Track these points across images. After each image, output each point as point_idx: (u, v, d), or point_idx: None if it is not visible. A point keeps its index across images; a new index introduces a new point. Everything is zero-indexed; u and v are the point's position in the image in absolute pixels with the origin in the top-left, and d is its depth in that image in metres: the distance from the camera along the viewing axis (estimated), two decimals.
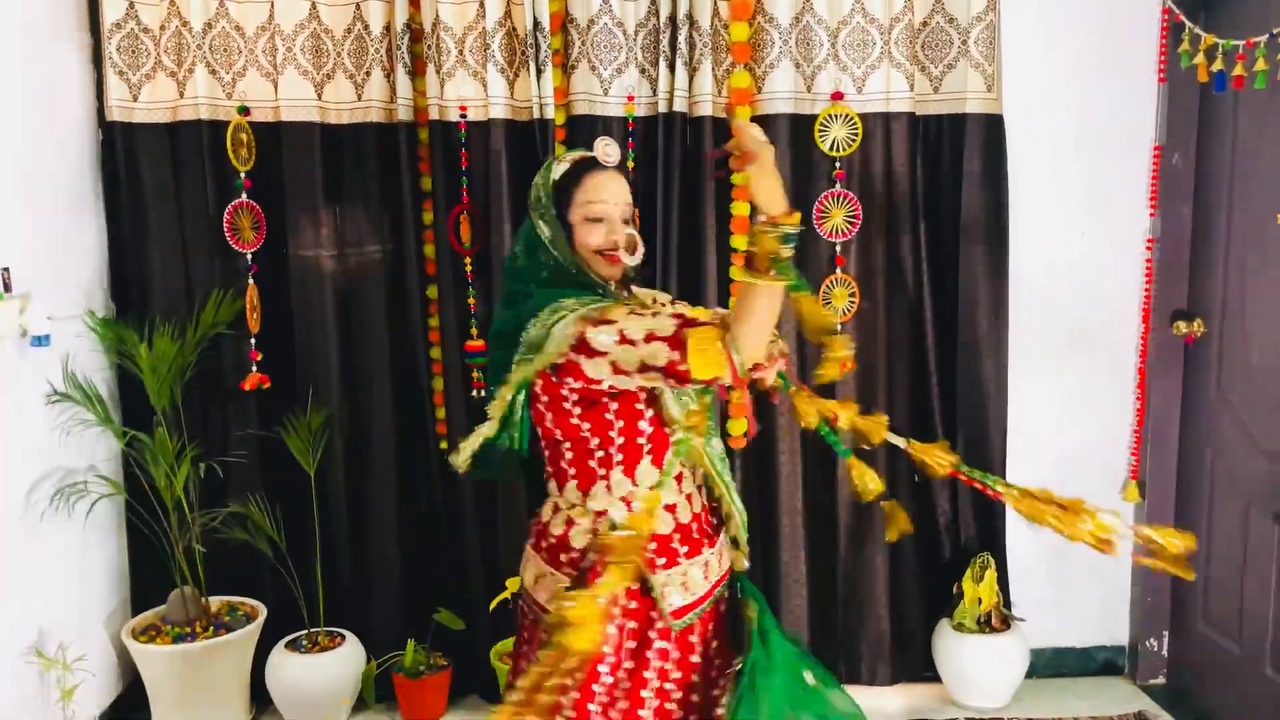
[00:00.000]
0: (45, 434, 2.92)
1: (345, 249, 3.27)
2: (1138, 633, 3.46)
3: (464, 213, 3.22)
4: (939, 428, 3.34)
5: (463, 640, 3.30)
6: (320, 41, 3.17)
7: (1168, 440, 3.35)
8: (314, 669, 3.17)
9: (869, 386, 3.32)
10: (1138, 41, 3.24)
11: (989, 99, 3.19)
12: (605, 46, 3.15)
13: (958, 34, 3.19)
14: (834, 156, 3.21)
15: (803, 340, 3.14)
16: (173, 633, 3.12)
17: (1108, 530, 1.94)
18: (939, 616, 3.37)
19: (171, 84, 3.17)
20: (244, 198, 3.21)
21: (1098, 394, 3.40)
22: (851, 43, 3.17)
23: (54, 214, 3.01)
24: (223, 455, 3.25)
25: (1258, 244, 2.92)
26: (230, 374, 3.28)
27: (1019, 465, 3.38)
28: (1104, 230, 3.33)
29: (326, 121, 3.20)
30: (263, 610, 3.26)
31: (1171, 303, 3.29)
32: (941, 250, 3.29)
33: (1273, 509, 2.87)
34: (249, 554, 3.30)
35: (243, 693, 3.22)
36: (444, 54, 3.11)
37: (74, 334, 3.04)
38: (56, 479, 2.94)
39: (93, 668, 3.02)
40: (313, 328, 3.26)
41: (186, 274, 3.25)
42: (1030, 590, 3.46)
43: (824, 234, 3.23)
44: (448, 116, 3.16)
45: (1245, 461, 3.01)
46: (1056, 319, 3.37)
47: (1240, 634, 3.04)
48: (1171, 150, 3.24)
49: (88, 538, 3.11)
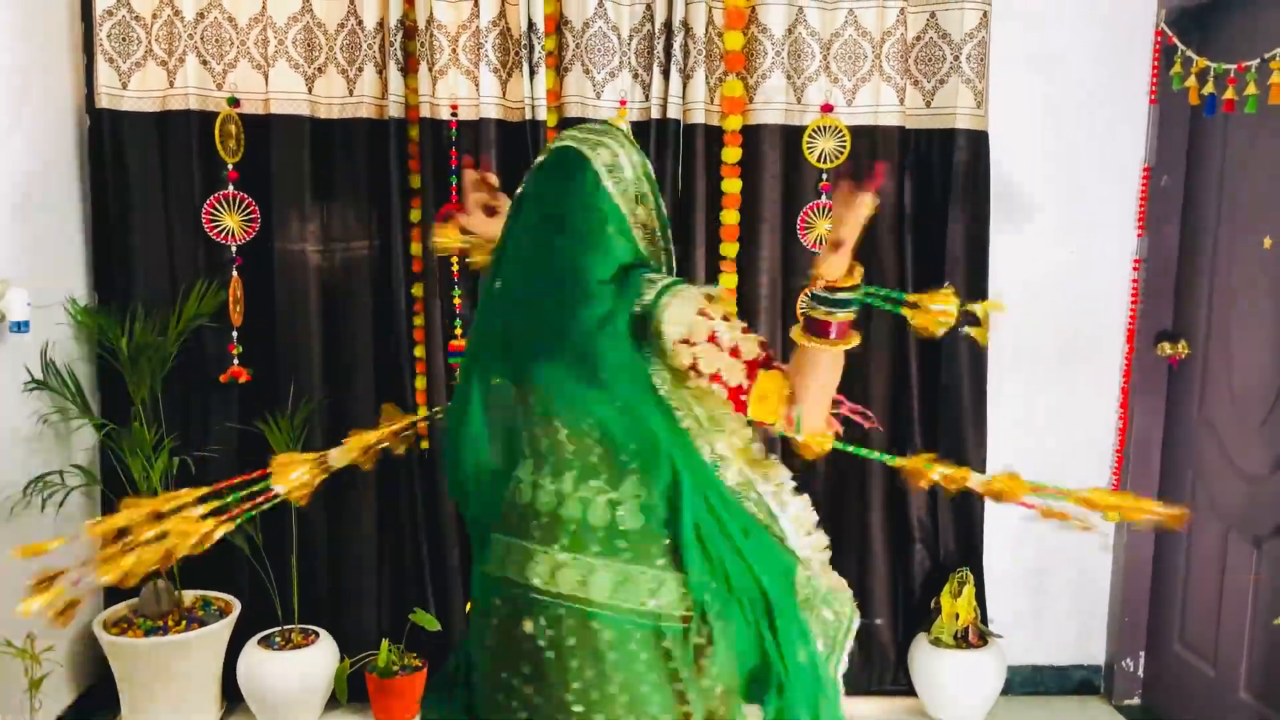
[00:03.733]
0: (21, 422, 2.90)
1: (331, 244, 3.26)
2: (1114, 653, 3.46)
3: (452, 212, 3.20)
4: (919, 439, 3.34)
5: (438, 641, 3.27)
6: (313, 35, 3.15)
7: (1149, 461, 3.35)
8: (286, 666, 3.14)
9: (849, 396, 3.30)
10: (1130, 63, 3.25)
11: (977, 115, 3.20)
12: (599, 50, 3.14)
13: (950, 49, 3.19)
14: (821, 168, 3.21)
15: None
16: (145, 625, 3.09)
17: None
18: (916, 630, 3.36)
19: (161, 73, 3.16)
20: (230, 189, 3.19)
21: (1081, 412, 3.41)
22: (843, 55, 3.18)
23: (38, 199, 2.99)
24: (202, 449, 3.22)
25: (1244, 267, 2.93)
26: (212, 367, 3.26)
27: None
28: (1091, 249, 3.34)
29: (317, 116, 3.18)
30: (237, 605, 3.24)
31: (1157, 323, 3.30)
32: (926, 264, 3.29)
33: (1252, 532, 2.88)
34: (225, 549, 3.27)
35: (213, 688, 3.19)
36: (437, 51, 3.10)
37: (54, 322, 3.02)
38: (32, 469, 2.91)
39: (61, 659, 2.99)
40: (296, 322, 3.25)
41: (171, 265, 3.23)
42: (1008, 607, 3.46)
43: (807, 244, 3.24)
44: (439, 115, 3.15)
45: (1225, 484, 3.01)
46: (1041, 336, 3.37)
47: (1216, 656, 3.04)
48: (1161, 172, 3.26)
49: (62, 528, 3.07)
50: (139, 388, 3.04)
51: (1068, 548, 3.46)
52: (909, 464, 1.96)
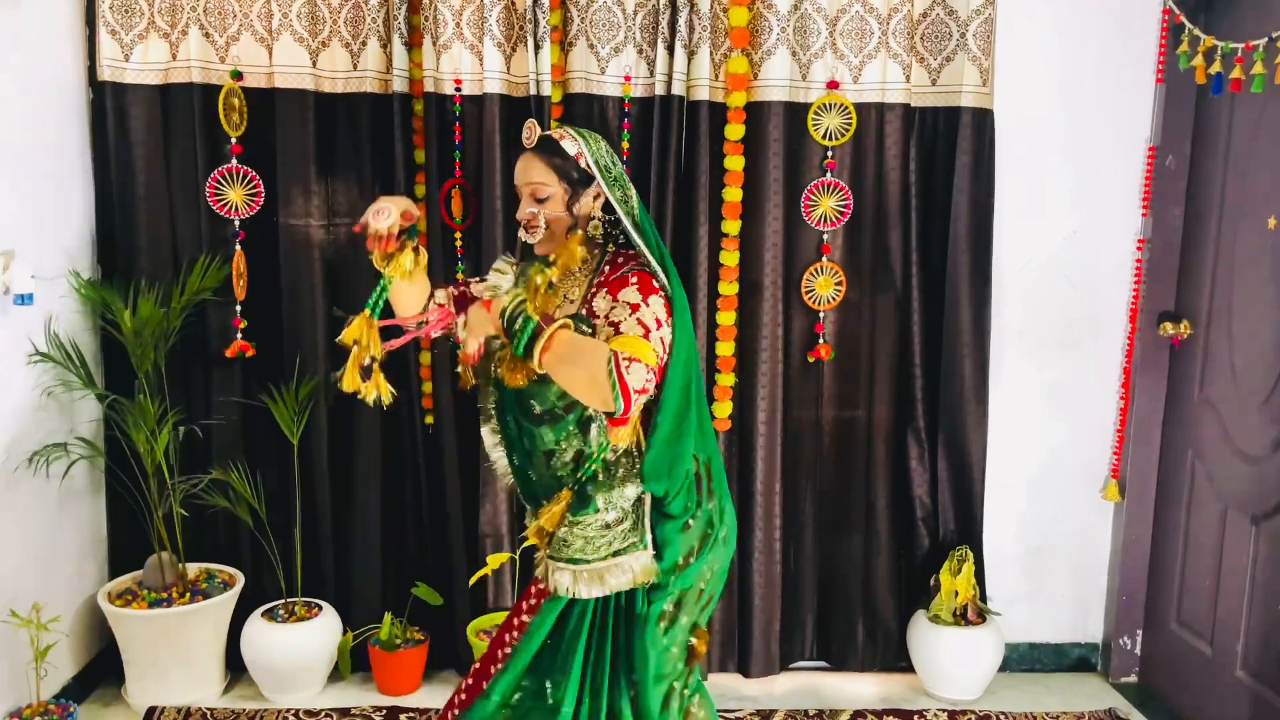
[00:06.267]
0: (25, 394, 2.90)
1: (335, 219, 3.25)
2: (1111, 631, 3.49)
3: (456, 187, 3.20)
4: (922, 418, 3.35)
5: (441, 615, 3.30)
6: (316, 8, 3.14)
7: (1150, 440, 3.36)
8: (290, 639, 3.16)
9: (853, 375, 3.33)
10: (1137, 41, 3.24)
11: (983, 93, 3.19)
12: (604, 25, 3.13)
13: (957, 26, 3.18)
14: (826, 145, 3.20)
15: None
16: (149, 598, 3.11)
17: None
18: (915, 608, 3.39)
19: (164, 45, 3.14)
20: (233, 163, 3.19)
21: (1082, 391, 3.41)
22: (849, 31, 3.16)
23: (41, 172, 2.98)
24: (207, 420, 3.23)
25: (1247, 248, 2.93)
26: (216, 341, 3.26)
27: (1001, 458, 3.40)
28: (1095, 228, 3.34)
29: (320, 90, 3.17)
30: (240, 578, 3.26)
31: (1159, 303, 3.30)
32: (931, 243, 3.29)
33: (1250, 511, 2.89)
34: (229, 522, 3.30)
35: (217, 660, 3.22)
36: (441, 25, 3.09)
37: (58, 295, 3.02)
38: (35, 441, 2.93)
39: (67, 629, 3.02)
40: (300, 297, 3.25)
41: (174, 238, 3.23)
42: (1007, 585, 3.48)
43: (811, 222, 3.23)
44: (443, 89, 3.14)
45: (1225, 464, 3.02)
46: (1045, 315, 3.38)
47: (1212, 635, 3.06)
48: (1166, 151, 3.25)
49: (66, 499, 3.09)
50: (142, 361, 3.05)
51: (1067, 527, 3.48)
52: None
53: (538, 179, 2.02)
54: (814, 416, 3.34)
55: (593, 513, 1.99)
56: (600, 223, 2.07)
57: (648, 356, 1.84)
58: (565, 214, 2.03)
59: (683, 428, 1.99)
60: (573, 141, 2.02)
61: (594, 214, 2.06)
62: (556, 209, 2.03)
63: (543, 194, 2.02)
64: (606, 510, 2.00)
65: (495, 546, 3.30)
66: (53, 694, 2.94)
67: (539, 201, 2.03)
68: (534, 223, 2.04)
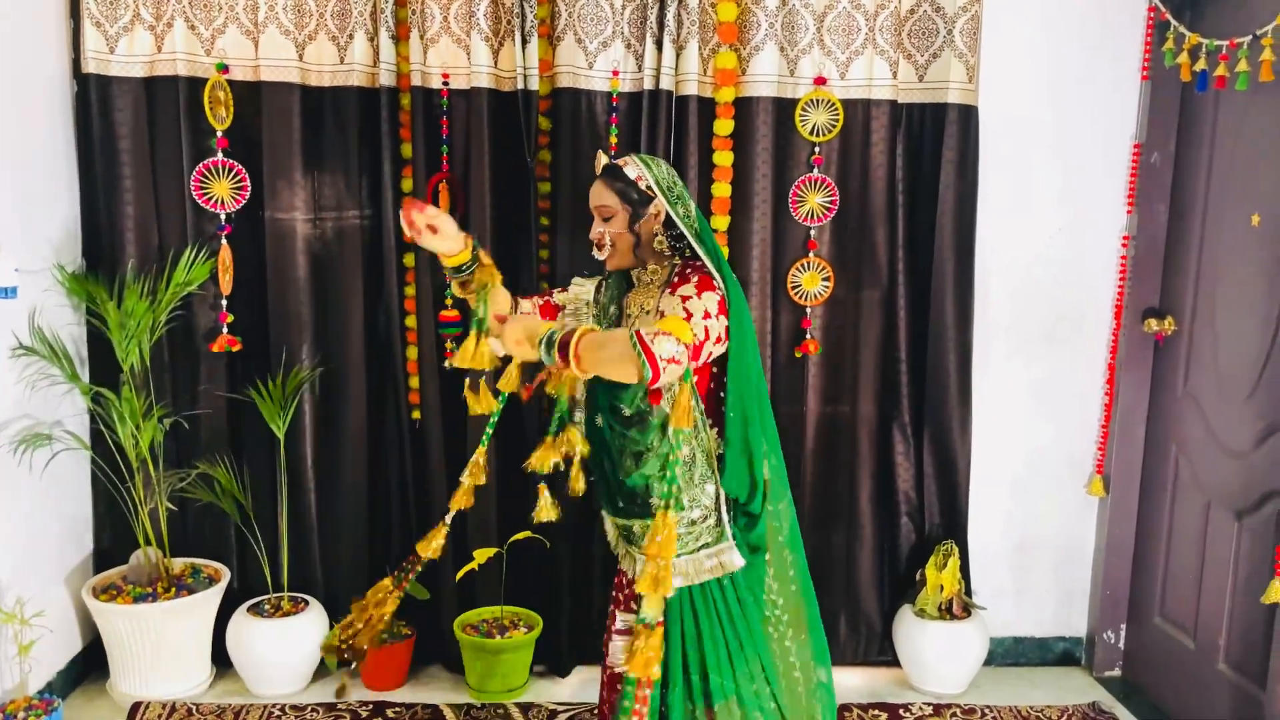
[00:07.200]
0: (9, 388, 2.89)
1: (322, 213, 3.25)
2: (1095, 625, 3.51)
3: (443, 181, 3.20)
4: (908, 413, 3.36)
5: (427, 610, 3.29)
6: (303, 1, 3.13)
7: (1134, 436, 3.38)
8: (275, 633, 3.16)
9: (838, 371, 3.34)
10: (1122, 39, 3.25)
11: (969, 90, 3.20)
12: (592, 19, 3.13)
13: (944, 23, 3.19)
14: (814, 142, 3.21)
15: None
16: (134, 592, 3.10)
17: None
18: (901, 602, 3.40)
19: (149, 37, 3.13)
20: (219, 157, 3.17)
21: (1067, 387, 3.43)
22: (837, 28, 3.17)
23: (25, 164, 2.97)
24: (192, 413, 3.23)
25: (1231, 245, 2.95)
26: (201, 335, 3.25)
27: (987, 453, 3.42)
28: (1081, 225, 3.35)
29: (307, 83, 3.16)
30: (226, 573, 3.25)
31: (1144, 300, 3.32)
32: (917, 239, 3.30)
33: (1234, 506, 2.91)
34: (215, 517, 3.29)
35: (203, 655, 3.21)
36: (428, 19, 3.08)
37: (42, 288, 3.01)
38: (19, 434, 2.91)
39: (51, 624, 3.00)
40: (286, 291, 3.24)
41: (159, 231, 3.21)
42: (992, 579, 3.50)
43: (799, 218, 3.24)
44: (430, 83, 3.13)
45: (1209, 459, 3.04)
46: (1029, 312, 3.39)
47: (1196, 629, 3.08)
48: (1151, 148, 3.26)
49: (49, 492, 3.08)
50: (128, 355, 3.04)
51: (1051, 521, 3.50)
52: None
53: (603, 202, 2.26)
54: (800, 411, 3.35)
55: (679, 511, 2.11)
56: (665, 237, 2.25)
57: (683, 334, 1.96)
58: (628, 232, 2.25)
59: (749, 431, 2.18)
60: (634, 167, 2.25)
61: (656, 230, 2.25)
62: (620, 227, 2.25)
63: (608, 215, 2.26)
64: (691, 508, 2.18)
65: (482, 541, 3.30)
66: (37, 688, 2.93)
67: (605, 221, 2.27)
68: (602, 241, 2.27)
